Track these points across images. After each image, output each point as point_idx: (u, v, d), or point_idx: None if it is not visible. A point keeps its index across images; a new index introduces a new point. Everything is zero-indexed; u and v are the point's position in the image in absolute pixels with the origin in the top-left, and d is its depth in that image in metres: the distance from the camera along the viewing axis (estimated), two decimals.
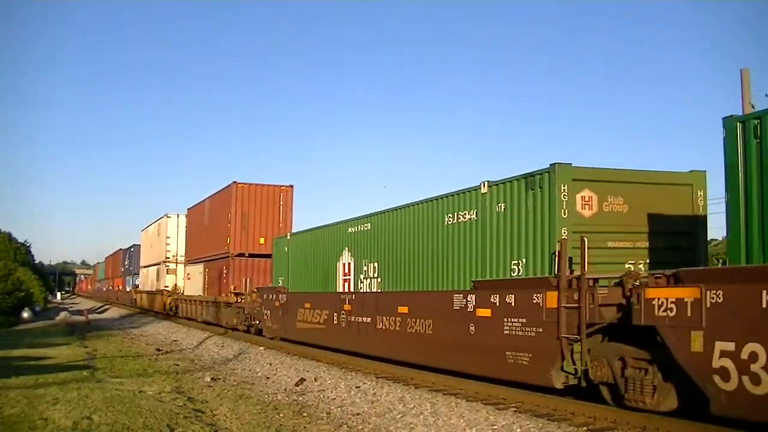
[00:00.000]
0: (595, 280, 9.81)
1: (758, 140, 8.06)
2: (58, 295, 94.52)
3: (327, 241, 19.32)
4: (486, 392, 11.49)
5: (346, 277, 17.92)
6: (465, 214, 12.82)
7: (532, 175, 11.22)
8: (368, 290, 16.65)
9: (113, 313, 50.99)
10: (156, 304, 39.43)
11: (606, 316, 9.55)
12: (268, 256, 24.60)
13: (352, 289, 17.49)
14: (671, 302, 8.26)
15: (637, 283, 8.92)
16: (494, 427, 9.23)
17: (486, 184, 12.27)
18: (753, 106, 17.03)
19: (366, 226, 16.95)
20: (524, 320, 10.72)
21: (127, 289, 54.51)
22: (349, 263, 17.85)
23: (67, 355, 19.18)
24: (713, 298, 7.74)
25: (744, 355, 7.34)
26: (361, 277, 17.11)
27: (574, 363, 10.10)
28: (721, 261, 11.66)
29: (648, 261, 11.05)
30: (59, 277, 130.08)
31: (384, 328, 15.11)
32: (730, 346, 7.50)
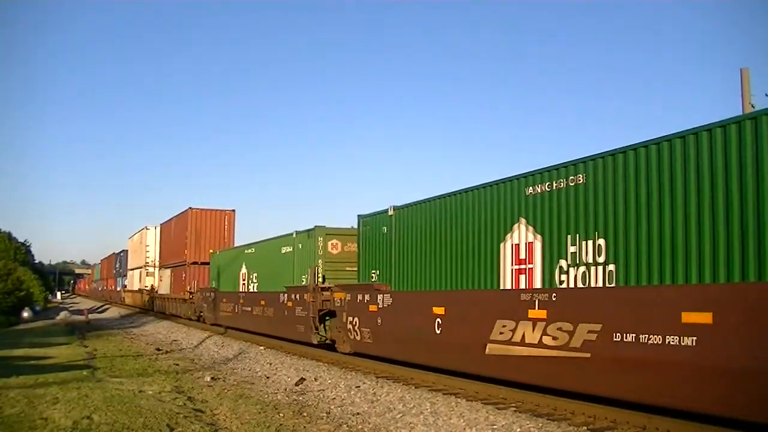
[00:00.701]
0: (325, 288, 18.16)
1: (365, 227, 17.36)
2: (58, 294, 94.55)
3: (232, 256, 28.09)
4: (486, 392, 11.50)
5: (243, 281, 26.52)
6: (287, 248, 21.93)
7: (307, 231, 20.32)
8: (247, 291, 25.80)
9: (113, 312, 51.03)
10: (138, 301, 48.23)
11: (327, 306, 17.97)
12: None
13: (247, 290, 25.88)
14: (338, 299, 17.10)
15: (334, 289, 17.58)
16: (494, 426, 9.24)
17: (295, 232, 21.19)
18: (753, 106, 17.04)
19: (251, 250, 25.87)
20: (300, 307, 19.30)
21: (117, 289, 61.94)
22: (244, 273, 26.48)
23: (67, 355, 19.18)
24: (349, 297, 16.70)
25: (354, 322, 16.39)
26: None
27: (325, 330, 18.61)
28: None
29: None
30: (59, 276, 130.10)
31: (259, 314, 23.36)
32: (352, 318, 16.49)
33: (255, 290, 24.41)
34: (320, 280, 18.68)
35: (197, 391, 13.02)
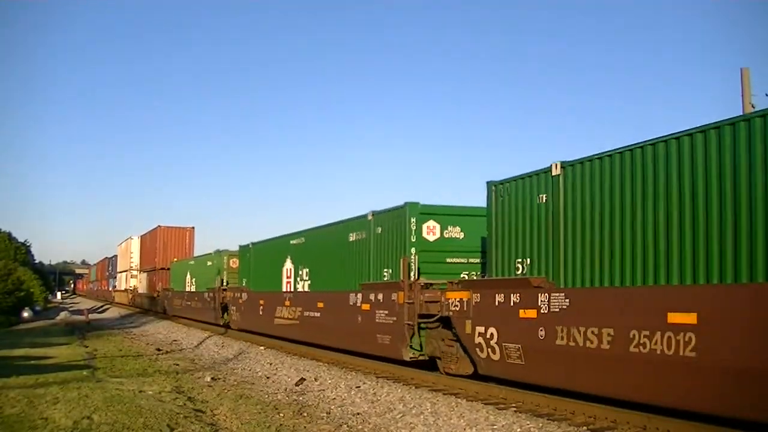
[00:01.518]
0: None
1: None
2: (59, 294, 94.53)
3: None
4: (486, 392, 11.51)
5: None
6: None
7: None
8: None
9: (113, 312, 51.04)
10: (125, 299, 57.09)
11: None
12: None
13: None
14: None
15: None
16: (494, 426, 9.24)
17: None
18: (753, 106, 17.04)
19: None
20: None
21: (109, 289, 70.73)
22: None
23: (67, 355, 19.18)
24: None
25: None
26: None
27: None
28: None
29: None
30: (59, 276, 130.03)
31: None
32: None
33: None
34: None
35: (197, 392, 13.03)
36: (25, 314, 39.68)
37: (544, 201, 11.09)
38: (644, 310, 8.63)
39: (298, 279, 20.28)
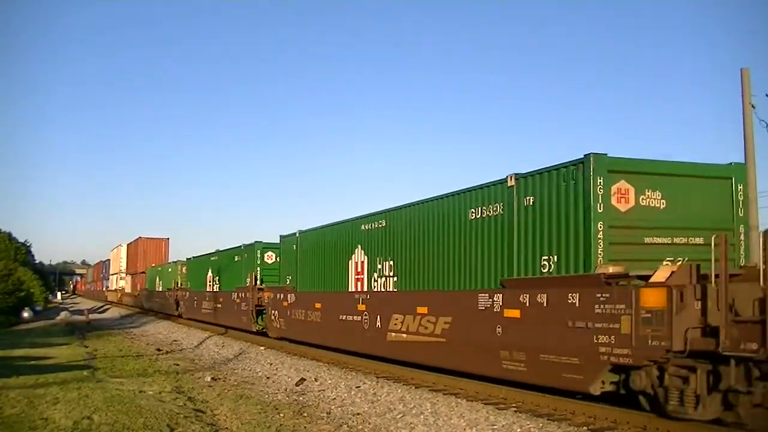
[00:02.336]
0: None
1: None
2: (59, 294, 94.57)
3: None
4: (486, 392, 11.50)
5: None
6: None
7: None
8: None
9: (113, 312, 51.09)
10: (115, 298, 65.59)
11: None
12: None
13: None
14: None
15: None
16: (494, 426, 9.24)
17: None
18: (753, 106, 17.02)
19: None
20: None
21: (103, 289, 79.67)
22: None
23: (67, 355, 19.19)
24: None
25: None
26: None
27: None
28: None
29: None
30: (59, 276, 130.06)
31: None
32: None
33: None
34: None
35: (197, 392, 13.03)
36: (26, 314, 39.69)
37: (295, 249, 21.27)
38: (312, 301, 19.09)
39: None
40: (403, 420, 10.21)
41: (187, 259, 37.21)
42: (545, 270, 10.64)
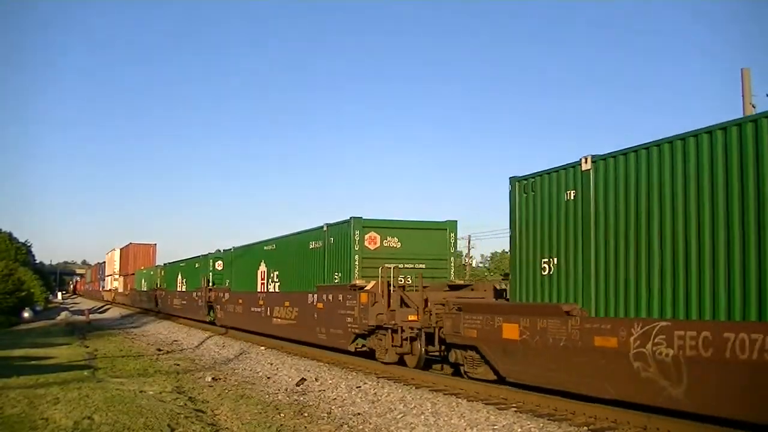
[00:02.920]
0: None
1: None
2: (59, 294, 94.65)
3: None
4: (487, 392, 11.51)
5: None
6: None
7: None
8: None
9: (114, 312, 51.15)
10: (110, 297, 71.54)
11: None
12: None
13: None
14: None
15: None
16: (495, 427, 9.24)
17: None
18: (754, 106, 17.03)
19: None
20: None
21: (99, 289, 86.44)
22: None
23: (67, 355, 19.20)
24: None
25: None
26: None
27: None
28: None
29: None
30: (60, 276, 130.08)
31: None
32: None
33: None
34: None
35: (198, 392, 13.04)
36: (26, 314, 39.69)
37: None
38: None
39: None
40: (404, 420, 10.22)
41: (164, 264, 45.10)
42: (335, 280, 17.57)
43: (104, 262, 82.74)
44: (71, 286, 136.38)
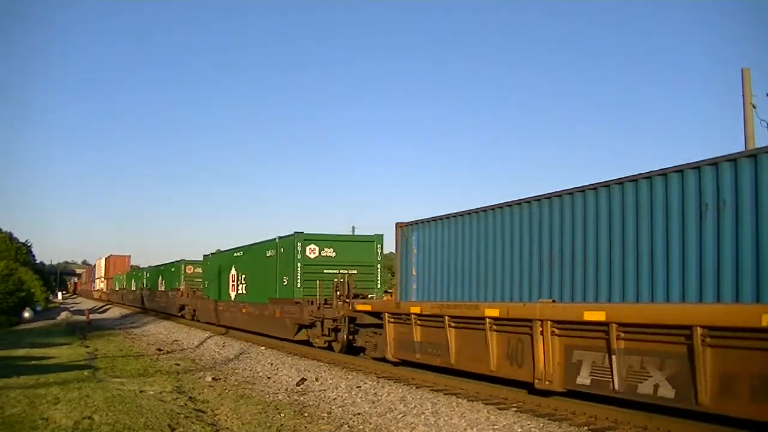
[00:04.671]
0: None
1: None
2: (59, 294, 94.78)
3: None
4: (487, 392, 11.51)
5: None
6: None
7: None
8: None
9: (114, 312, 51.16)
10: (98, 296, 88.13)
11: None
12: None
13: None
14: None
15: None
16: (495, 426, 9.24)
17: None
18: (754, 106, 17.03)
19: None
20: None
21: (90, 290, 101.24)
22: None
23: (68, 355, 19.20)
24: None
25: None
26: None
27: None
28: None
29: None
30: (60, 276, 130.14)
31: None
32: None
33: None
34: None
35: (198, 392, 13.04)
36: (26, 314, 39.71)
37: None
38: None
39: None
40: (404, 420, 10.21)
41: (131, 269, 66.54)
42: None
43: (95, 267, 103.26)
44: (71, 286, 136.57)
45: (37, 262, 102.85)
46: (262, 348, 20.66)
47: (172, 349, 22.54)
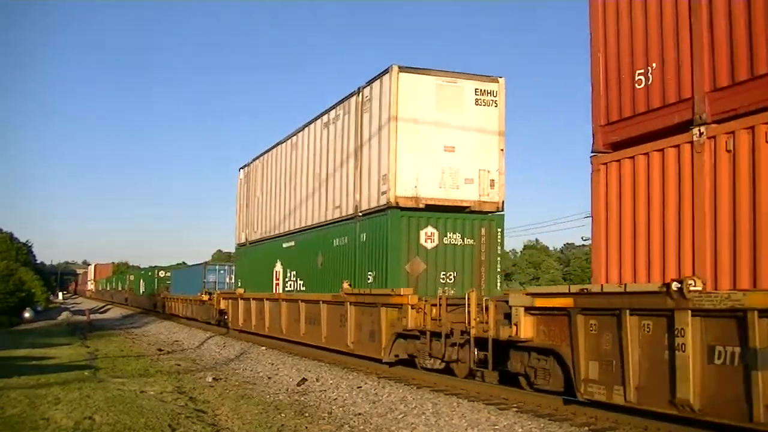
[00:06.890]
0: None
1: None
2: (60, 294, 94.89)
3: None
4: (488, 392, 11.51)
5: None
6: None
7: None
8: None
9: (115, 313, 51.24)
10: (90, 294, 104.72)
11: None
12: None
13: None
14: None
15: None
16: (496, 427, 9.24)
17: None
18: None
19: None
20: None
21: (85, 290, 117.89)
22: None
23: (68, 355, 19.21)
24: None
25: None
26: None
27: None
28: None
29: None
30: (61, 277, 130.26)
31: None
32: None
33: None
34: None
35: (199, 392, 13.04)
36: (27, 314, 39.76)
37: None
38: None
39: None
40: (405, 420, 10.22)
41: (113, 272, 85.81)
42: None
43: (88, 269, 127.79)
44: (72, 287, 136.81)
45: (38, 262, 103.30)
46: (263, 348, 20.66)
47: (172, 349, 22.55)
